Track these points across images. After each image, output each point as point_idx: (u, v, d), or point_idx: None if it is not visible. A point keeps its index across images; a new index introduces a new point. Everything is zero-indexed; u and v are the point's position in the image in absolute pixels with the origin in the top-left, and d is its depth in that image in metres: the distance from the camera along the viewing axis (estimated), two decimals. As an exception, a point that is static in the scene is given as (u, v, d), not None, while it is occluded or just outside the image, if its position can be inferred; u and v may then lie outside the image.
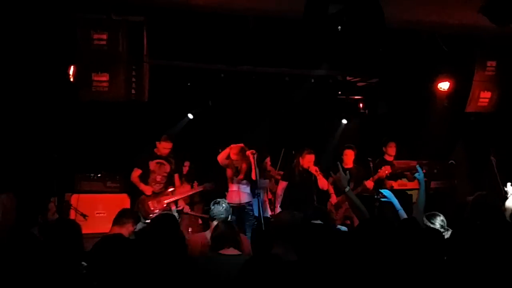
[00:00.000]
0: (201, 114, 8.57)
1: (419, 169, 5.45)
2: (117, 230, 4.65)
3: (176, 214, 6.47)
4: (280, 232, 3.45)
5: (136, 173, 6.72)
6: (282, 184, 7.42)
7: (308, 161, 7.19)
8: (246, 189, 6.98)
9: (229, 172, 6.98)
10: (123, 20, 5.47)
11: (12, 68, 5.90)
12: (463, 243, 3.16)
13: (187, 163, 7.63)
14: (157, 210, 6.56)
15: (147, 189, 6.63)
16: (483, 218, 3.83)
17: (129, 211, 5.07)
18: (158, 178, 6.74)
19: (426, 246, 3.30)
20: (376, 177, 7.24)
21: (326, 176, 7.28)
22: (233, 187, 6.98)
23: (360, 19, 4.53)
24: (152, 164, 6.73)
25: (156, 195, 6.69)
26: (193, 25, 6.00)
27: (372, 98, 9.25)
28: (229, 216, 4.86)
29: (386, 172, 7.25)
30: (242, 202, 6.90)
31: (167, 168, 6.79)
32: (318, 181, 7.16)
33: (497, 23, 4.45)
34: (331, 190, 7.40)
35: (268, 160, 7.97)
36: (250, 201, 7.01)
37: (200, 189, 6.97)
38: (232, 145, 7.01)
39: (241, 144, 7.00)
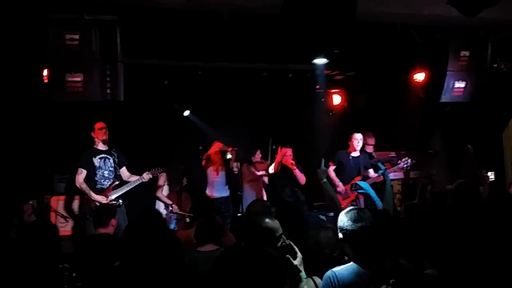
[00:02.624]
0: (179, 112, 8.54)
1: (380, 166, 5.56)
2: (102, 231, 4.64)
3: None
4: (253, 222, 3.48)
5: (81, 175, 6.40)
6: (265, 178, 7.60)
7: (281, 154, 7.30)
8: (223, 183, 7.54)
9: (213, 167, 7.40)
10: (95, 19, 5.40)
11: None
12: (447, 232, 3.21)
13: (184, 180, 7.62)
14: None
15: (101, 198, 6.32)
16: (465, 205, 3.88)
17: (103, 209, 5.04)
18: (106, 173, 6.50)
19: (401, 235, 3.36)
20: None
21: (308, 170, 7.39)
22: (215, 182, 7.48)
23: (331, 11, 4.55)
24: (96, 160, 6.47)
25: (99, 191, 6.42)
26: (167, 23, 5.97)
27: (350, 91, 9.31)
28: None
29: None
30: (223, 195, 7.45)
31: (112, 162, 6.54)
32: (297, 176, 7.25)
33: (465, 13, 4.50)
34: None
35: (258, 153, 8.01)
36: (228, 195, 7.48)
37: (143, 179, 6.62)
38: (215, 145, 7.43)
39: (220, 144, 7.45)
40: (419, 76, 7.48)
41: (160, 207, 7.44)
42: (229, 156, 7.39)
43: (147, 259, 2.92)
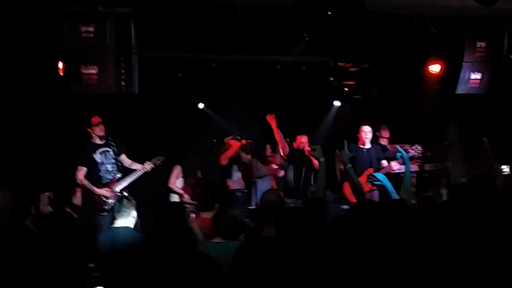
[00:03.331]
0: (194, 105, 8.58)
1: (399, 149, 5.48)
2: (122, 223, 4.67)
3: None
4: (268, 212, 3.49)
5: (81, 172, 6.37)
6: (281, 173, 7.52)
7: (299, 141, 7.28)
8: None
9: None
10: (110, 11, 5.45)
11: (1, 64, 5.90)
12: (463, 225, 3.19)
13: (198, 173, 7.60)
14: (111, 200, 6.33)
15: (105, 191, 6.35)
16: (481, 197, 3.84)
17: (122, 200, 5.07)
18: (109, 167, 6.50)
19: (416, 226, 3.34)
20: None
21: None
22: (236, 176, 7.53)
23: (343, 3, 4.54)
24: (97, 156, 6.45)
25: (104, 185, 6.43)
26: (181, 15, 5.99)
27: (364, 83, 9.25)
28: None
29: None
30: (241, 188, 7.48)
31: (112, 153, 6.52)
32: (313, 162, 7.19)
33: (483, 3, 4.45)
34: None
35: (268, 147, 8.03)
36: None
37: (145, 169, 6.61)
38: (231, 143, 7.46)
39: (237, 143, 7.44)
40: (435, 68, 7.41)
41: (174, 199, 7.48)
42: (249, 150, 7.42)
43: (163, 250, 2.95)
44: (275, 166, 7.69)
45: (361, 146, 7.35)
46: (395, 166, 7.06)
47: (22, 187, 5.66)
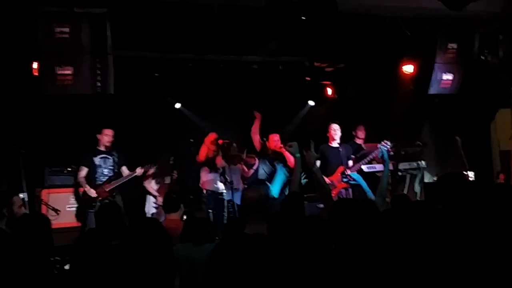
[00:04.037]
0: (170, 105, 8.55)
1: (382, 148, 5.55)
2: None
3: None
4: (250, 210, 3.52)
5: (82, 171, 6.74)
6: (250, 173, 7.52)
7: (272, 140, 7.32)
8: (218, 177, 7.38)
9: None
10: (86, 12, 5.42)
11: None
12: (436, 224, 3.25)
13: (175, 172, 7.59)
14: (101, 198, 6.64)
15: (92, 192, 6.66)
16: (453, 196, 3.92)
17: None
18: (106, 171, 6.81)
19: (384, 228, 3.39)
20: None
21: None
22: (209, 176, 7.34)
23: (315, 5, 4.60)
24: (97, 160, 6.78)
25: (97, 185, 6.74)
26: (157, 15, 5.98)
27: (340, 83, 9.35)
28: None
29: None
30: (219, 190, 7.32)
31: (112, 161, 6.85)
32: (286, 158, 7.22)
33: (451, 7, 4.56)
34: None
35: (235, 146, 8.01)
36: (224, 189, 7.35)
37: (135, 173, 6.90)
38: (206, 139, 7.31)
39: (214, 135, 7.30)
40: (408, 68, 7.55)
41: (151, 199, 7.47)
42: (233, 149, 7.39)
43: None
44: (244, 167, 7.66)
45: (331, 145, 7.37)
46: (365, 167, 7.22)
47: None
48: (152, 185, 7.48)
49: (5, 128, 6.68)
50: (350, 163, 7.35)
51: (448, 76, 7.02)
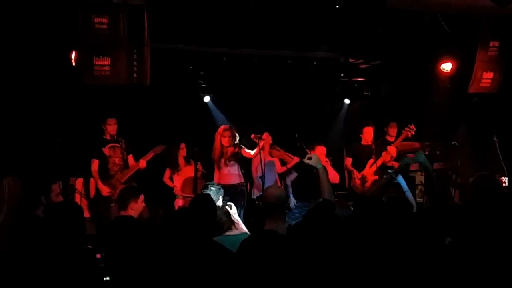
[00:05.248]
0: (202, 98, 8.56)
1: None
2: (124, 213, 4.70)
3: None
4: (270, 208, 3.50)
5: (95, 164, 6.61)
6: (293, 176, 7.45)
7: (319, 153, 7.18)
8: (236, 170, 7.10)
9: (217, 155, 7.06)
10: (124, 3, 5.47)
11: (15, 53, 5.92)
12: (465, 227, 3.18)
13: (182, 145, 7.47)
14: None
15: (104, 189, 6.51)
16: (484, 199, 3.83)
17: (125, 191, 5.08)
18: (117, 160, 6.67)
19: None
20: (379, 162, 7.23)
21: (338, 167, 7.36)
22: (224, 171, 7.08)
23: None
24: (106, 150, 6.64)
25: (111, 176, 6.60)
26: (194, 8, 6.00)
27: (375, 80, 9.22)
28: (220, 198, 4.99)
29: (389, 157, 7.23)
30: (233, 182, 7.02)
31: (120, 150, 6.71)
32: (329, 173, 7.19)
33: (497, 3, 4.43)
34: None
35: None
36: (242, 182, 7.15)
37: (139, 166, 6.66)
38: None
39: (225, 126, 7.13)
40: (446, 66, 7.39)
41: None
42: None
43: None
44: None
45: (364, 143, 7.43)
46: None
47: (33, 177, 5.69)
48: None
49: (43, 117, 6.80)
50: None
51: (488, 75, 6.85)
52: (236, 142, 7.04)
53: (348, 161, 7.57)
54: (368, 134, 7.41)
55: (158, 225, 3.69)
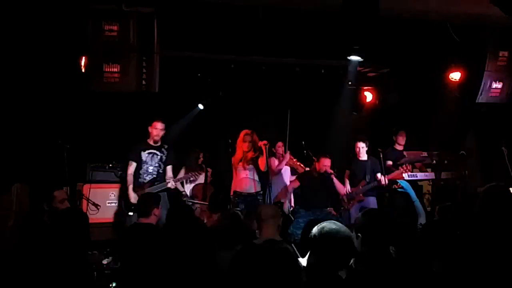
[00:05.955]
0: (211, 105, 8.57)
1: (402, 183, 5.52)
2: (144, 221, 4.70)
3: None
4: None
5: (131, 166, 6.45)
6: (295, 184, 7.42)
7: (323, 164, 7.15)
8: (252, 175, 7.02)
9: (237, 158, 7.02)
10: (134, 11, 5.50)
11: (24, 59, 5.96)
12: (474, 238, 3.16)
13: (201, 153, 7.51)
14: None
15: (132, 196, 6.33)
16: (493, 209, 3.80)
17: (147, 198, 5.08)
18: (151, 169, 6.50)
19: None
20: (391, 177, 7.21)
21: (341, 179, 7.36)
22: (241, 174, 7.02)
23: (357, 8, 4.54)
24: (144, 155, 6.49)
25: (139, 186, 6.43)
26: (203, 16, 6.01)
27: (382, 88, 9.21)
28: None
29: (403, 173, 7.21)
30: (250, 191, 6.95)
31: (159, 158, 6.53)
32: (336, 185, 7.21)
33: (508, 13, 4.41)
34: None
35: (280, 144, 7.95)
36: (260, 191, 7.08)
37: (168, 185, 6.51)
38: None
39: (247, 130, 7.07)
40: (455, 75, 7.37)
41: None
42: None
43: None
44: (278, 166, 7.58)
45: (359, 158, 7.43)
46: (406, 175, 7.20)
47: (41, 183, 5.72)
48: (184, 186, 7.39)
49: (51, 122, 6.83)
50: (378, 175, 7.24)
51: (497, 85, 6.82)
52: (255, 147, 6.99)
53: (346, 172, 7.63)
54: (361, 149, 7.39)
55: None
